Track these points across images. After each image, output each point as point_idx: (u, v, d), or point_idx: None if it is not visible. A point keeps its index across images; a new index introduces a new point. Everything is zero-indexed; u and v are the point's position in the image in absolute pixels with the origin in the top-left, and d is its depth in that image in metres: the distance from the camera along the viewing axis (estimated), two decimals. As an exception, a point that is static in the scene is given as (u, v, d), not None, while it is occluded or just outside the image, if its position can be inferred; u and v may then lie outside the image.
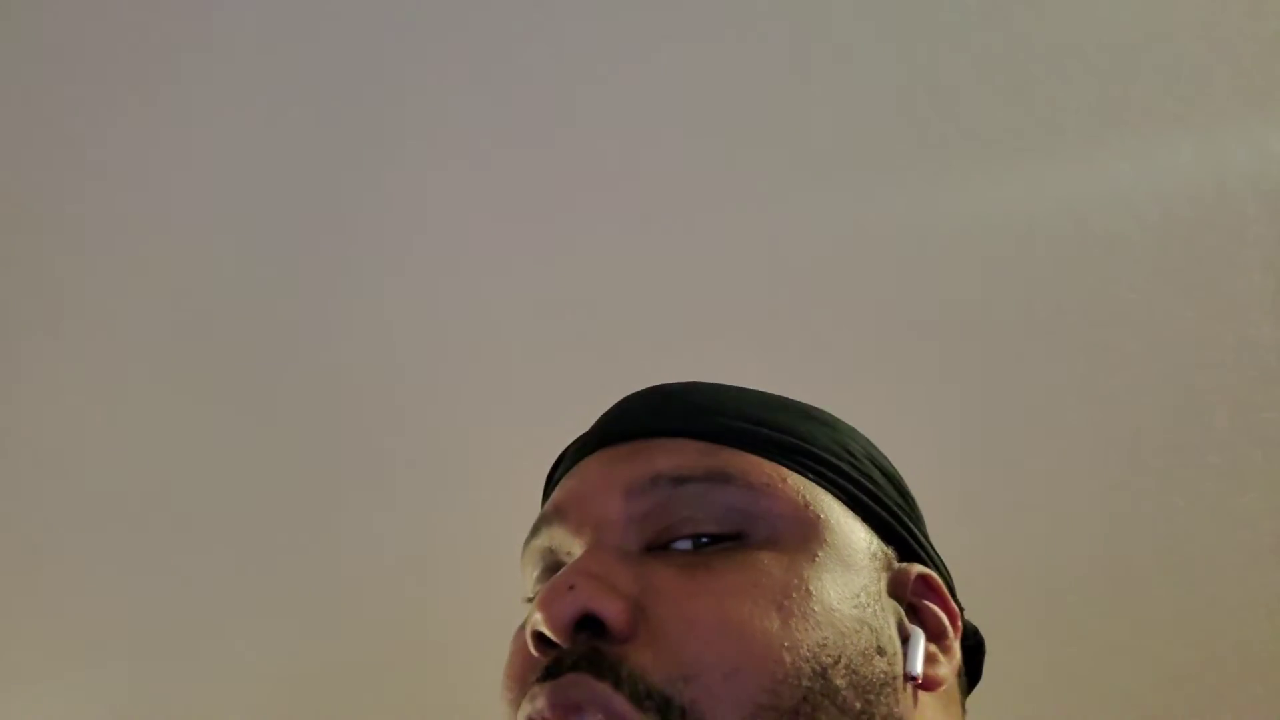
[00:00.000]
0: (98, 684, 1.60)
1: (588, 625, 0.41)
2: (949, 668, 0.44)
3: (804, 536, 0.43)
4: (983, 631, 0.55)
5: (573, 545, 0.45)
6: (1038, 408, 1.35)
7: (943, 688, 0.43)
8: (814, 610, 0.41)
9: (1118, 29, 1.14)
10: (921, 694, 0.42)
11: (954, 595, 0.48)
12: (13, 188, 1.24)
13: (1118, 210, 1.23)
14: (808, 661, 0.39)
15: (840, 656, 0.40)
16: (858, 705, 0.39)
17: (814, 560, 0.43)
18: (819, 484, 0.46)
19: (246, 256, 1.30)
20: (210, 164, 1.24)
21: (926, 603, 0.45)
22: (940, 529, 0.55)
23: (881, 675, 0.40)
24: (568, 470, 0.51)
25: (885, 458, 0.52)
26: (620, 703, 0.38)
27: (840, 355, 1.32)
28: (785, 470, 0.46)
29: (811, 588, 0.41)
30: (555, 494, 0.49)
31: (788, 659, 0.39)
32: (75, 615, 1.54)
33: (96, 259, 1.29)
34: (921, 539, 0.48)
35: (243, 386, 1.38)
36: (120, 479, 1.45)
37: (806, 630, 0.40)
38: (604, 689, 0.38)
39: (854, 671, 0.40)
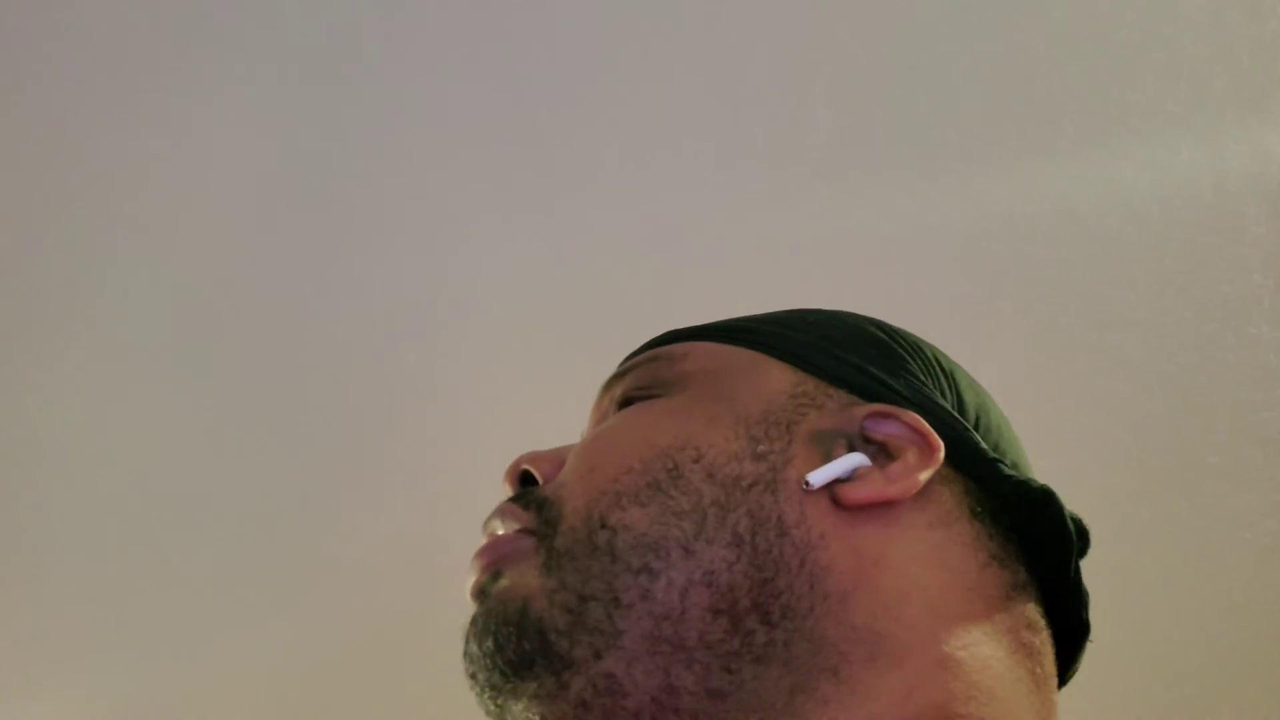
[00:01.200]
0: (98, 684, 1.60)
1: (529, 480, 0.50)
2: (886, 487, 0.43)
3: (708, 383, 0.49)
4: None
5: None
6: (1037, 408, 1.35)
7: (878, 506, 0.43)
8: (681, 423, 0.46)
9: (1117, 29, 1.14)
10: (845, 510, 0.43)
11: (956, 435, 0.47)
12: (14, 187, 1.24)
13: (1117, 210, 1.23)
14: (661, 457, 0.44)
15: (701, 456, 0.44)
16: (715, 493, 0.43)
17: (706, 394, 0.48)
18: (745, 348, 0.50)
19: (245, 254, 1.30)
20: (208, 161, 1.24)
21: (878, 433, 0.46)
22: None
23: (751, 474, 0.44)
24: None
25: (876, 324, 0.53)
26: (513, 509, 0.47)
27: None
28: (709, 344, 0.51)
29: (688, 410, 0.47)
30: None
31: (642, 455, 0.45)
32: (75, 615, 1.54)
33: (93, 256, 1.29)
34: (892, 383, 0.49)
35: (243, 386, 1.38)
36: (120, 479, 1.45)
37: (669, 436, 0.45)
38: (508, 505, 0.48)
39: (714, 467, 0.44)
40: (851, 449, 0.45)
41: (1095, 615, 0.48)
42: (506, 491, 0.50)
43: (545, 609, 0.42)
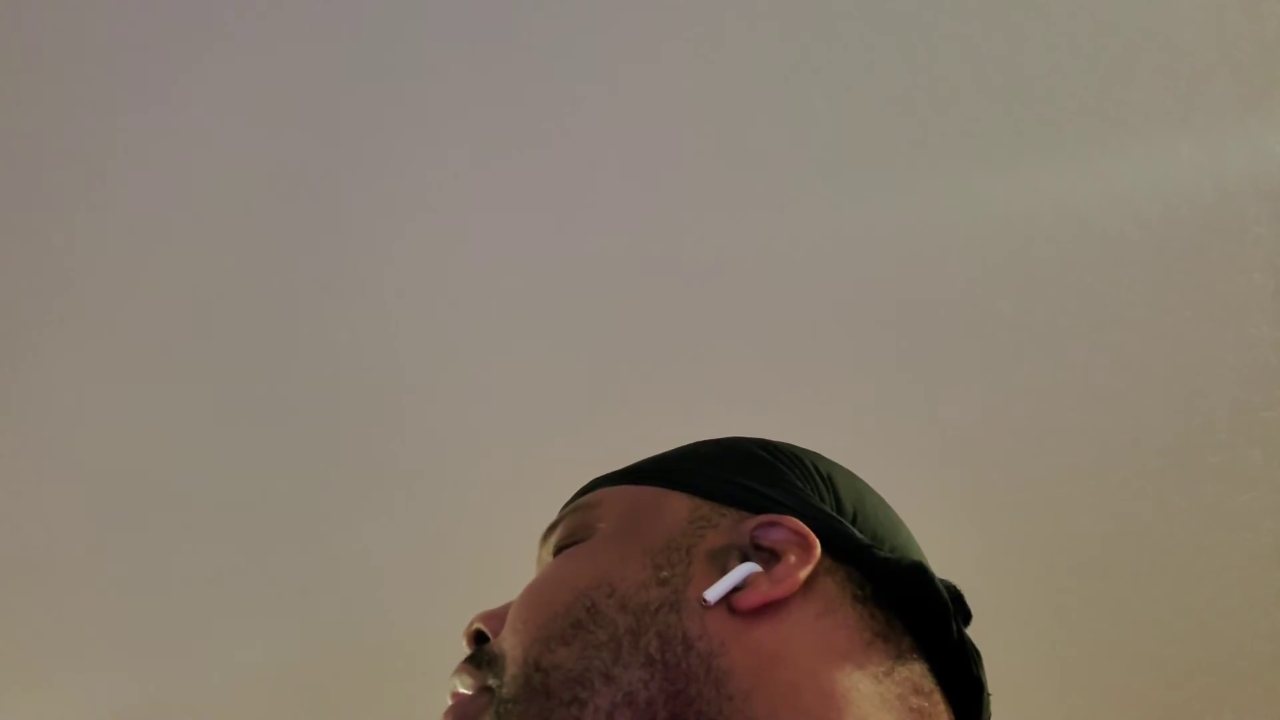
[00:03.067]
0: (98, 684, 1.60)
1: (481, 639, 0.55)
2: (772, 588, 0.49)
3: (619, 522, 0.55)
4: (983, 632, 0.54)
5: None
6: (1037, 408, 1.35)
7: (770, 606, 0.49)
8: (597, 564, 0.52)
9: (1117, 29, 1.14)
10: (742, 616, 0.49)
11: (833, 530, 0.53)
12: (18, 185, 1.24)
13: (1118, 210, 1.23)
14: (581, 597, 0.50)
15: (614, 591, 0.50)
16: (628, 621, 0.49)
17: (617, 533, 0.54)
18: (649, 485, 0.57)
19: (248, 255, 1.30)
20: (212, 161, 1.24)
21: (766, 540, 0.52)
22: (941, 529, 0.55)
23: (657, 599, 0.49)
24: None
25: (760, 445, 0.60)
26: (468, 667, 0.52)
27: (841, 355, 1.32)
28: (619, 487, 0.58)
29: (600, 550, 0.53)
30: None
31: (564, 599, 0.50)
32: (75, 615, 1.54)
33: (97, 256, 1.29)
34: (775, 495, 0.55)
35: (244, 386, 1.38)
36: (121, 479, 1.45)
37: (585, 576, 0.51)
38: (464, 664, 0.53)
39: (626, 598, 0.50)
40: (745, 559, 0.51)
41: (1096, 614, 0.49)
42: (465, 649, 0.56)
43: None
